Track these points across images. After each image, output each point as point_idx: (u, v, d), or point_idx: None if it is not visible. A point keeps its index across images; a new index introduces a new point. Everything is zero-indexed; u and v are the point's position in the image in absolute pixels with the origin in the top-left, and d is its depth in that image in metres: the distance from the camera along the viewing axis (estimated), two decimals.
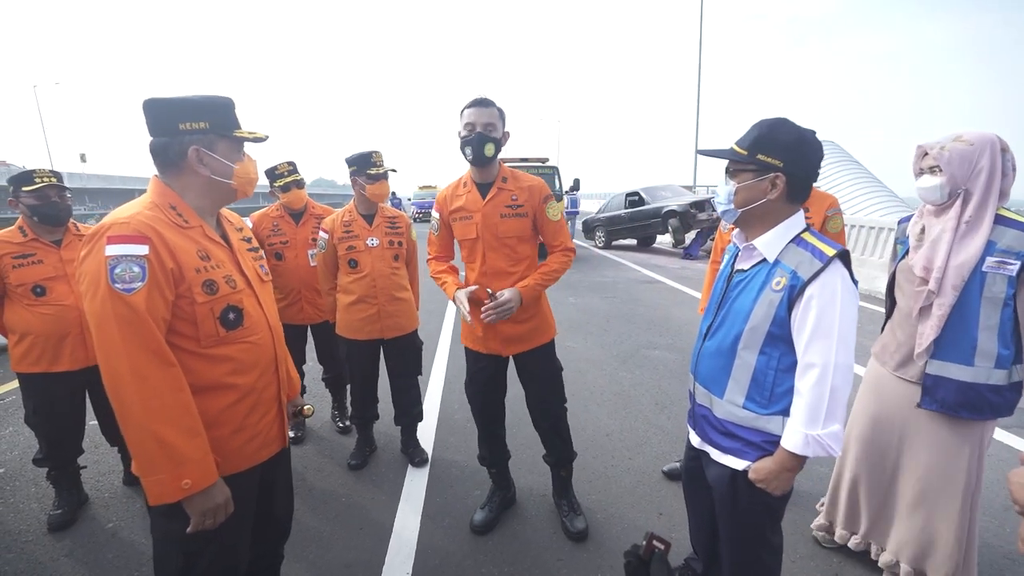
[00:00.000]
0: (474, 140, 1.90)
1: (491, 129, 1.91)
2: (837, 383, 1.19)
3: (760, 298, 1.28)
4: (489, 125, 1.91)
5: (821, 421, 1.19)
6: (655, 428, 3.22)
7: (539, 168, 11.28)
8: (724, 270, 1.49)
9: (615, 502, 2.46)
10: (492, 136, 1.91)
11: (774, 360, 1.28)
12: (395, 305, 2.65)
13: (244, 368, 1.25)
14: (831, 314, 1.19)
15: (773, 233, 1.31)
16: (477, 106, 1.91)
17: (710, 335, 1.43)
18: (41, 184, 2.20)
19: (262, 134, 1.28)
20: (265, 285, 1.39)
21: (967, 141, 1.58)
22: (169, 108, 1.18)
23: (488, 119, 1.90)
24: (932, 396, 1.67)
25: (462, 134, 1.94)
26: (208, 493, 1.13)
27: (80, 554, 2.15)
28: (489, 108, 1.92)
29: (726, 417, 1.36)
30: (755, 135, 1.28)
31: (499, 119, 1.94)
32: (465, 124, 1.93)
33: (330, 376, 3.22)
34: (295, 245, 2.89)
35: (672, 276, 8.82)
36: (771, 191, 1.28)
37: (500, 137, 1.95)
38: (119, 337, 1.05)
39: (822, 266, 1.21)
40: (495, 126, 1.92)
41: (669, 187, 13.00)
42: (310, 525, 2.30)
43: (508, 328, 2.05)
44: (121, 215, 1.13)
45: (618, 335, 5.30)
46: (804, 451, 1.21)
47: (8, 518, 2.41)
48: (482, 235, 2.00)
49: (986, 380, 1.59)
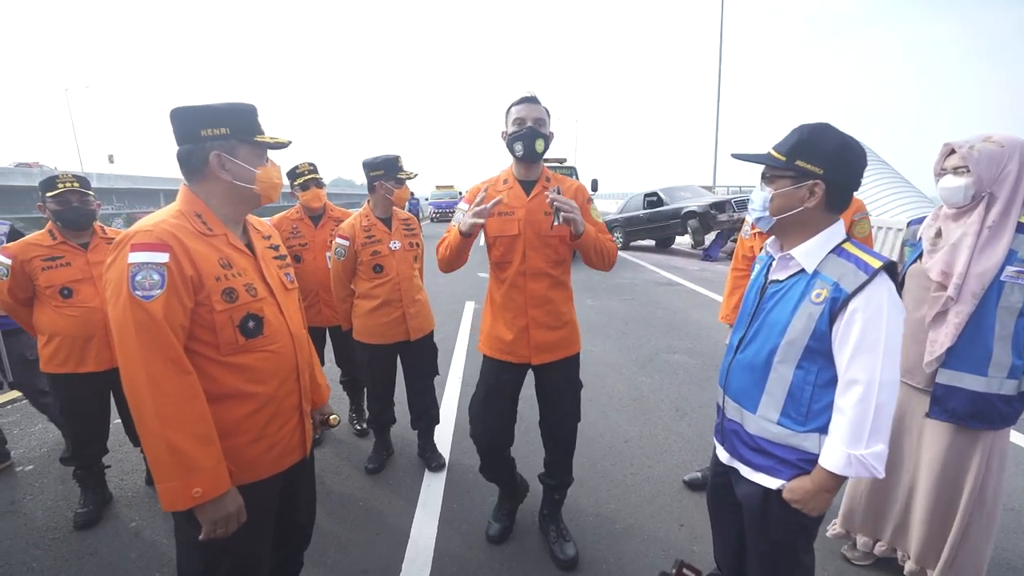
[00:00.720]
0: (526, 135, 1.85)
1: (541, 125, 1.87)
2: (883, 400, 1.14)
3: (798, 310, 1.23)
4: (539, 120, 1.87)
5: (864, 440, 1.14)
6: (675, 435, 3.16)
7: (557, 169, 11.23)
8: (756, 280, 1.44)
9: (634, 512, 2.42)
10: (543, 132, 1.87)
11: (812, 375, 1.23)
12: (416, 307, 2.66)
13: (264, 377, 1.24)
14: (877, 328, 1.14)
15: (812, 243, 1.26)
16: (527, 103, 1.88)
17: (742, 348, 1.37)
18: (63, 189, 2.24)
19: (284, 139, 1.28)
20: (290, 293, 1.39)
21: (997, 142, 1.53)
22: (192, 116, 1.19)
23: (538, 115, 1.87)
24: (943, 406, 1.64)
25: (511, 131, 1.88)
26: (219, 502, 1.12)
27: (104, 552, 2.18)
28: (539, 105, 1.89)
29: (759, 433, 1.31)
30: (795, 140, 1.23)
31: (547, 117, 1.91)
32: (515, 120, 1.87)
33: (348, 379, 3.23)
34: (313, 247, 2.90)
35: (691, 278, 8.70)
36: (809, 199, 1.23)
37: (549, 135, 1.92)
38: (137, 343, 1.05)
39: (867, 279, 1.16)
40: (544, 122, 1.89)
41: (689, 187, 12.83)
42: (328, 529, 2.30)
43: (542, 335, 1.97)
44: (147, 223, 1.14)
45: (637, 338, 5.23)
46: (845, 471, 1.16)
47: (37, 515, 2.47)
48: (524, 232, 1.92)
49: (998, 390, 1.57)
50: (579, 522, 2.34)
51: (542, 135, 1.86)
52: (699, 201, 11.27)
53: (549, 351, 2.00)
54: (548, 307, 1.96)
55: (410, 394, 2.80)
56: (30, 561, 2.15)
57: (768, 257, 1.42)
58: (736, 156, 1.49)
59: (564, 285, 2.02)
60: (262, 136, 1.25)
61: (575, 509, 2.42)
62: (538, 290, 1.95)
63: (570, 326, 2.04)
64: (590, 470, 2.78)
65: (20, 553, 2.19)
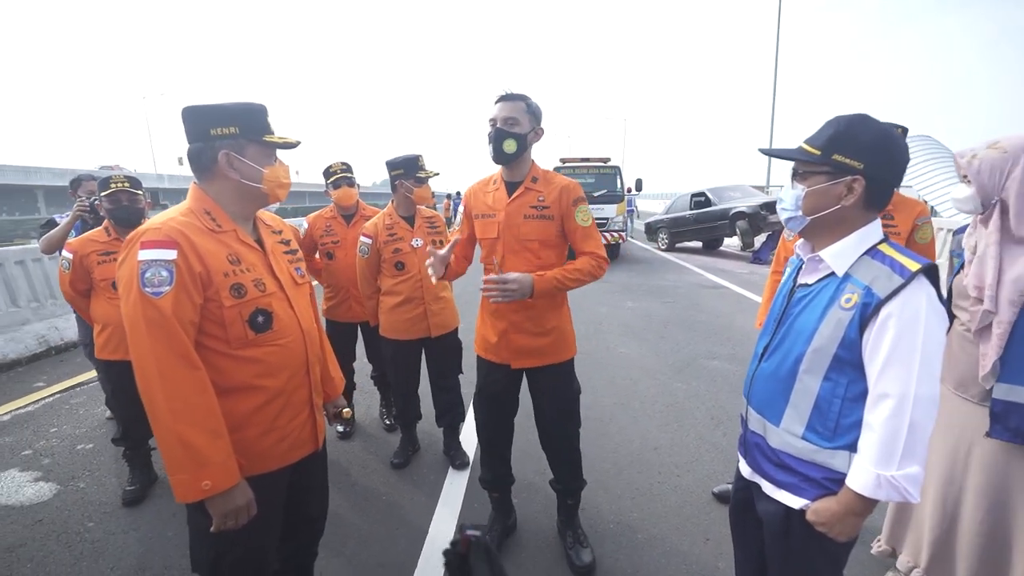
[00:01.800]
0: (493, 136, 1.80)
1: (512, 124, 1.79)
2: (917, 417, 1.02)
3: (826, 316, 1.13)
4: (510, 120, 1.78)
5: (896, 460, 1.03)
6: (708, 445, 3.03)
7: (600, 168, 11.06)
8: (785, 284, 1.34)
9: (658, 523, 2.33)
10: (513, 132, 1.79)
11: (841, 387, 1.13)
12: (439, 304, 2.67)
13: (273, 370, 1.27)
14: (912, 337, 1.03)
15: (844, 243, 1.16)
16: (500, 101, 1.81)
17: (767, 356, 1.28)
18: (114, 189, 2.41)
19: (293, 140, 1.30)
20: (300, 288, 1.41)
21: (1002, 148, 1.43)
22: (202, 114, 1.22)
23: (509, 113, 1.79)
24: (1004, 424, 1.48)
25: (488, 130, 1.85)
26: (229, 495, 1.15)
27: (146, 529, 2.33)
28: (513, 102, 1.80)
29: (782, 447, 1.22)
30: (831, 133, 1.13)
31: (525, 114, 1.81)
32: (489, 120, 1.83)
33: (379, 374, 3.29)
34: (345, 245, 2.98)
35: (738, 281, 8.35)
36: (847, 196, 1.13)
37: (526, 133, 1.82)
38: (148, 339, 1.09)
39: (903, 282, 1.04)
40: (517, 121, 1.79)
41: (738, 187, 12.33)
42: (351, 521, 2.36)
43: (521, 339, 1.92)
44: (156, 221, 1.18)
45: (675, 343, 5.07)
46: (874, 494, 1.05)
47: (92, 489, 2.66)
48: (503, 235, 1.88)
49: None
50: (599, 529, 2.28)
51: (511, 135, 1.78)
52: (749, 201, 10.82)
53: (531, 356, 1.95)
54: (528, 313, 1.90)
55: (434, 391, 2.83)
56: (83, 532, 2.32)
57: (798, 260, 1.32)
58: (765, 152, 1.40)
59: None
60: (271, 136, 1.27)
61: (596, 515, 2.37)
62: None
63: (557, 334, 1.95)
64: (615, 476, 2.71)
65: (76, 524, 2.38)
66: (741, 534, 1.52)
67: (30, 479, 2.76)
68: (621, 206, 10.74)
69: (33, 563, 2.13)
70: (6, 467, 2.89)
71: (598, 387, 3.90)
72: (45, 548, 2.21)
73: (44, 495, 2.61)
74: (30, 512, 2.47)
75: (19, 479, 2.76)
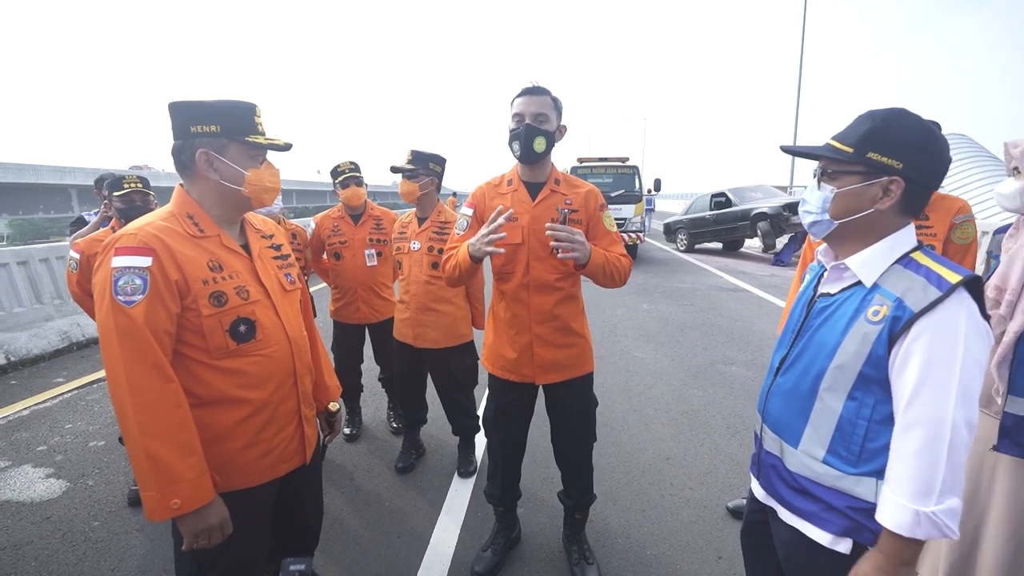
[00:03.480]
0: (522, 133, 1.67)
1: (542, 120, 1.67)
2: (956, 446, 0.91)
3: (851, 330, 1.03)
4: (540, 116, 1.67)
5: (935, 495, 0.91)
6: (724, 456, 2.91)
7: (619, 168, 10.91)
8: (804, 292, 1.23)
9: (668, 538, 2.23)
10: (543, 129, 1.67)
11: (867, 408, 1.01)
12: (427, 315, 2.52)
13: (258, 381, 1.22)
14: (949, 358, 0.91)
15: (873, 250, 1.05)
16: (527, 94, 1.68)
17: (784, 370, 1.18)
18: (128, 189, 2.41)
19: (281, 141, 1.24)
20: (288, 295, 1.35)
21: None
22: (184, 111, 1.17)
23: (539, 109, 1.67)
24: (1013, 439, 1.41)
25: (510, 127, 1.73)
26: (200, 514, 1.10)
27: (149, 530, 2.32)
28: (541, 96, 1.68)
29: (800, 471, 1.11)
30: (866, 129, 1.02)
31: (552, 109, 1.70)
32: (513, 115, 1.70)
33: (386, 376, 3.25)
34: (353, 245, 2.95)
35: (759, 284, 8.12)
36: (882, 199, 1.02)
37: (554, 131, 1.71)
38: (118, 349, 1.04)
39: (940, 295, 0.93)
40: (547, 117, 1.68)
41: (760, 187, 12.03)
42: (351, 527, 2.32)
43: (548, 353, 1.82)
44: (133, 226, 1.14)
45: (692, 347, 4.93)
46: (913, 532, 0.92)
47: (100, 487, 2.68)
48: (528, 240, 1.75)
49: None
50: (606, 544, 2.20)
51: (542, 132, 1.67)
52: (771, 202, 10.54)
53: (556, 370, 1.84)
54: (555, 324, 1.80)
55: (443, 404, 2.75)
56: (88, 531, 2.32)
57: (820, 267, 1.22)
58: (787, 150, 1.27)
59: (574, 299, 1.85)
60: (255, 136, 1.21)
61: (603, 529, 2.28)
62: (543, 305, 1.79)
63: (580, 343, 1.86)
64: (625, 488, 2.62)
65: (82, 523, 2.38)
66: (754, 559, 1.43)
67: (42, 475, 2.79)
68: (639, 206, 10.58)
69: (37, 562, 2.13)
70: (21, 463, 2.93)
71: (611, 392, 3.80)
72: (50, 547, 2.22)
73: (54, 492, 2.63)
74: (39, 509, 2.49)
75: (31, 476, 2.79)
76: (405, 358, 2.68)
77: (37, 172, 37.40)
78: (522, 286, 1.79)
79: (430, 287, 2.50)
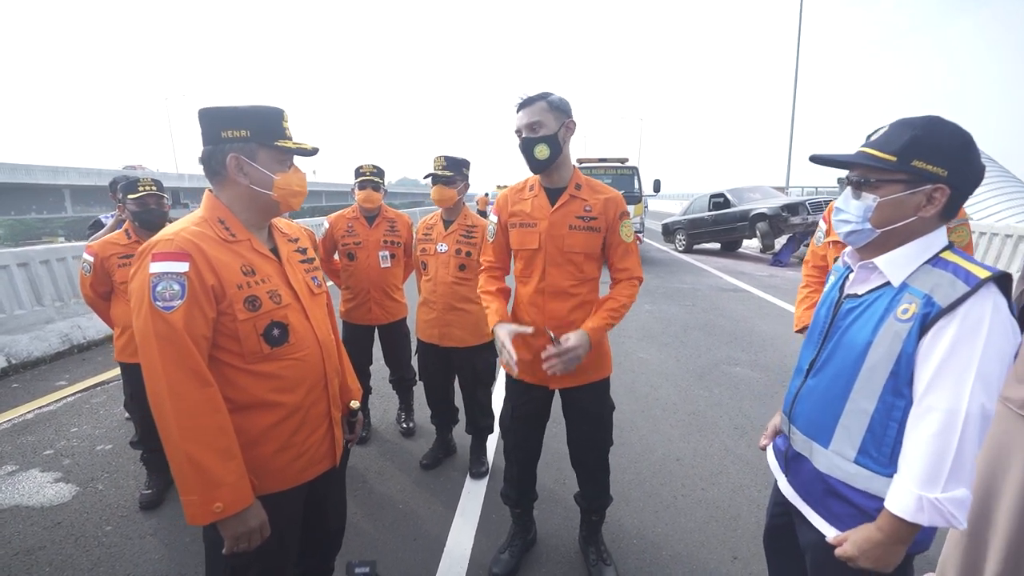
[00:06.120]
0: (522, 146, 1.70)
1: (538, 128, 1.67)
2: (968, 436, 0.92)
3: (881, 330, 1.03)
4: (534, 124, 1.67)
5: (942, 482, 0.93)
6: (733, 456, 2.93)
7: (618, 169, 10.94)
8: (829, 293, 1.24)
9: (683, 539, 2.25)
10: (539, 136, 1.67)
11: (898, 410, 1.02)
12: (453, 315, 2.57)
13: (290, 385, 1.22)
14: (970, 347, 0.93)
15: (904, 251, 1.05)
16: (520, 108, 1.71)
17: (814, 372, 1.19)
18: (143, 192, 2.40)
19: (309, 146, 1.24)
20: (316, 298, 1.36)
21: None
22: (214, 116, 1.18)
23: (531, 118, 1.67)
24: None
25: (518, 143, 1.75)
26: (241, 517, 1.10)
27: (163, 535, 2.31)
28: (533, 105, 1.68)
29: (830, 472, 1.12)
30: (909, 137, 1.02)
31: (549, 111, 1.68)
32: (515, 131, 1.73)
33: (396, 378, 3.25)
34: (367, 246, 2.94)
35: (758, 285, 8.17)
36: (926, 207, 1.02)
37: (555, 132, 1.69)
38: (158, 355, 1.05)
39: (968, 290, 0.94)
40: (542, 123, 1.67)
41: (758, 188, 12.10)
42: (365, 531, 2.32)
43: None
44: (168, 231, 1.14)
45: (696, 348, 4.96)
46: (915, 518, 0.94)
47: (110, 492, 2.66)
48: (545, 246, 1.76)
49: None
50: (622, 545, 2.21)
51: (540, 140, 1.68)
52: (769, 203, 10.61)
53: (571, 376, 1.83)
54: (569, 329, 1.78)
55: (464, 401, 2.79)
56: (100, 536, 2.31)
57: (845, 268, 1.22)
58: (817, 159, 1.26)
59: (590, 304, 1.85)
60: (284, 141, 1.21)
61: (618, 530, 2.29)
62: (559, 311, 1.79)
63: (597, 349, 1.85)
64: (637, 488, 2.63)
65: (93, 528, 2.37)
66: (778, 562, 1.44)
67: (51, 480, 2.77)
68: (638, 207, 10.61)
69: (52, 567, 2.12)
70: (28, 467, 2.91)
71: (618, 393, 3.81)
72: (63, 552, 2.20)
73: (64, 497, 2.62)
74: (50, 514, 2.47)
75: (40, 480, 2.77)
76: (431, 358, 2.71)
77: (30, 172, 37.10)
78: (538, 291, 1.81)
79: (457, 288, 2.57)
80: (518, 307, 1.90)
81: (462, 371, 2.71)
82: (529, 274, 1.83)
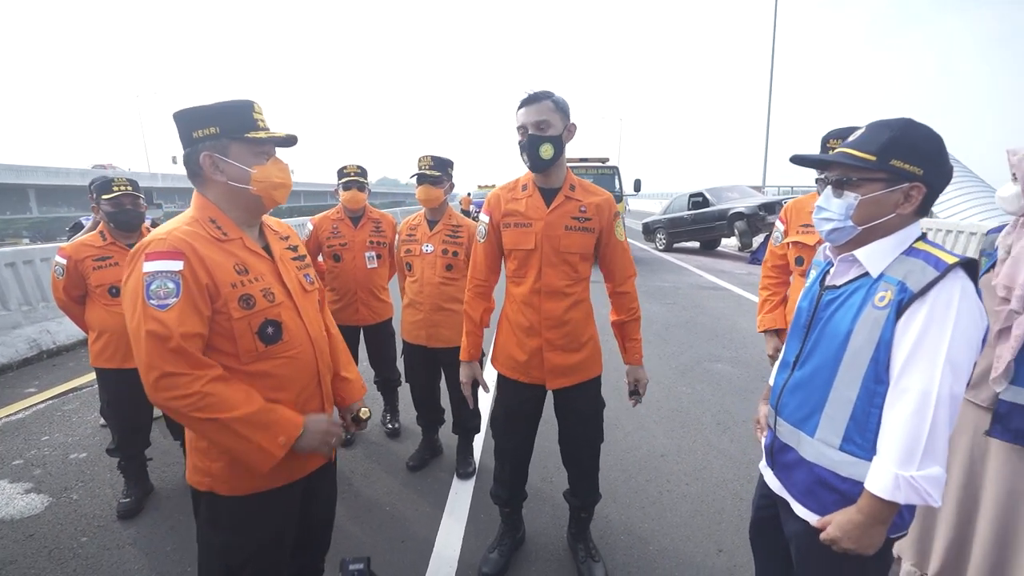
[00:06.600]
0: (527, 144, 1.68)
1: (545, 127, 1.66)
2: (940, 417, 0.98)
3: (860, 318, 1.08)
4: (542, 123, 1.66)
5: (917, 460, 0.98)
6: (716, 452, 2.99)
7: (599, 168, 11.02)
8: (811, 288, 1.28)
9: (669, 533, 2.28)
10: (547, 136, 1.67)
11: (879, 397, 1.07)
12: (441, 315, 2.57)
13: (284, 383, 1.22)
14: (941, 331, 0.98)
15: (882, 244, 1.10)
16: (526, 104, 1.68)
17: (800, 364, 1.23)
18: (118, 192, 2.33)
19: (281, 134, 1.22)
20: (308, 295, 1.35)
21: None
22: (186, 118, 1.17)
23: (539, 116, 1.66)
24: (1005, 425, 1.50)
25: (518, 139, 1.73)
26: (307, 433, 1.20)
27: (143, 544, 2.25)
28: (540, 103, 1.67)
29: (817, 460, 1.15)
30: (887, 137, 1.07)
31: (555, 112, 1.68)
32: (518, 128, 1.71)
33: (381, 379, 3.23)
34: (353, 247, 2.92)
35: (738, 282, 8.33)
36: (903, 205, 1.08)
37: (560, 134, 1.70)
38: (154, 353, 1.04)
39: (938, 275, 1.00)
40: (549, 122, 1.67)
41: (736, 187, 12.34)
42: (353, 533, 2.30)
43: (558, 358, 1.84)
44: (161, 231, 1.13)
45: (678, 345, 5.03)
46: (893, 496, 0.99)
47: (85, 501, 2.58)
48: (541, 247, 1.76)
49: None
50: (609, 541, 2.23)
51: (546, 139, 1.67)
52: (747, 202, 10.83)
53: (566, 375, 1.86)
54: (565, 329, 1.82)
55: (451, 402, 2.77)
56: (76, 547, 2.24)
57: (826, 262, 1.26)
58: (798, 159, 1.30)
59: (584, 303, 1.88)
60: (254, 132, 1.19)
61: (605, 527, 2.32)
62: (554, 310, 1.81)
63: (590, 347, 1.89)
64: (623, 485, 2.66)
65: (68, 539, 2.29)
66: (765, 557, 1.47)
67: (21, 491, 2.68)
68: (620, 206, 10.72)
69: None
70: None
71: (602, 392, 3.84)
72: (37, 565, 2.13)
73: (35, 508, 2.53)
74: (21, 526, 2.39)
75: (9, 491, 2.67)
76: (419, 359, 2.69)
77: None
78: (533, 291, 1.81)
79: (444, 288, 2.58)
80: (512, 307, 1.89)
81: (450, 371, 2.69)
82: (523, 274, 1.83)
